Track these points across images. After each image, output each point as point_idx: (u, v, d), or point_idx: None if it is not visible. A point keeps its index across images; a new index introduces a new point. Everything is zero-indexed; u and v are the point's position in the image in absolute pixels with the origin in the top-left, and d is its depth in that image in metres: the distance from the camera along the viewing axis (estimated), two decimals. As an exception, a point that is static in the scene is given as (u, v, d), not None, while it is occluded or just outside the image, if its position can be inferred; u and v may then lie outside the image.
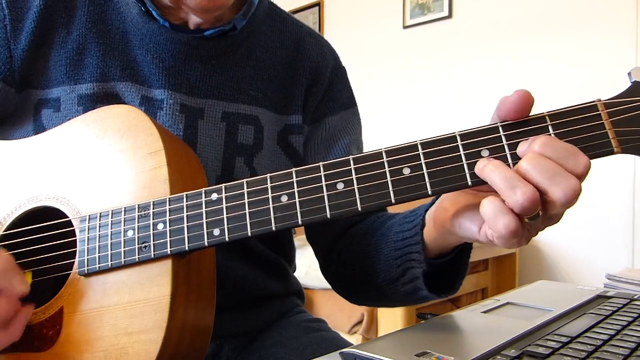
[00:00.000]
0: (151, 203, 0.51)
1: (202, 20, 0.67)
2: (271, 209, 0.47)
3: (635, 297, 0.60)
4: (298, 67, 0.75)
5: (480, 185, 0.43)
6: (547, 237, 2.41)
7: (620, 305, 0.56)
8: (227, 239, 0.48)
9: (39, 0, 0.65)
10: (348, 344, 0.69)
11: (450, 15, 2.73)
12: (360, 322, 1.97)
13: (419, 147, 0.45)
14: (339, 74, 0.80)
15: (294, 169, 0.47)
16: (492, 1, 2.57)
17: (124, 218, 0.52)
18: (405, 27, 2.92)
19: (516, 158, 0.42)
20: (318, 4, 3.39)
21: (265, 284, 0.73)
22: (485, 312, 0.55)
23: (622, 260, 2.16)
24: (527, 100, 0.42)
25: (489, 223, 0.42)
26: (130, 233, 0.51)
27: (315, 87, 0.76)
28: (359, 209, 0.45)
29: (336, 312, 1.97)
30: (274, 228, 0.47)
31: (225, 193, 0.49)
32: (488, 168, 0.41)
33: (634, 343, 0.43)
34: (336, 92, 0.79)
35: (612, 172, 2.18)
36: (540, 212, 0.41)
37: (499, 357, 0.40)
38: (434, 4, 2.78)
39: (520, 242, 0.42)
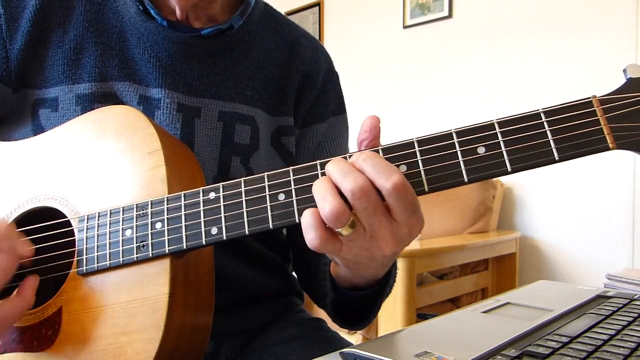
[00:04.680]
0: (149, 202, 0.51)
1: (180, 8, 0.66)
2: (268, 208, 0.47)
3: (635, 297, 0.60)
4: (291, 69, 0.75)
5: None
6: (547, 237, 2.41)
7: (620, 305, 0.55)
8: (225, 237, 0.48)
9: (35, 0, 0.65)
10: (348, 344, 0.69)
11: (450, 15, 2.73)
12: (360, 322, 1.97)
13: (416, 144, 0.45)
14: (331, 80, 0.80)
15: (291, 167, 0.47)
16: (492, 1, 2.57)
17: (122, 218, 0.52)
18: (405, 27, 2.91)
19: (511, 154, 0.43)
20: (318, 4, 3.39)
21: (264, 283, 0.73)
22: (485, 312, 0.55)
23: (622, 260, 2.16)
24: (373, 123, 0.47)
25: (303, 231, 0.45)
26: (128, 232, 0.51)
27: (308, 91, 0.76)
28: None
29: (336, 312, 1.97)
30: (271, 226, 0.47)
31: (223, 192, 0.49)
32: (315, 181, 0.45)
33: (634, 343, 0.43)
34: (327, 98, 0.79)
35: (612, 171, 2.18)
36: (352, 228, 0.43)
37: (499, 357, 0.40)
38: (434, 4, 2.78)
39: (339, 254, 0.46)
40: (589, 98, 0.42)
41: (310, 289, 0.76)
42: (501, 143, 0.43)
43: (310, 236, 0.44)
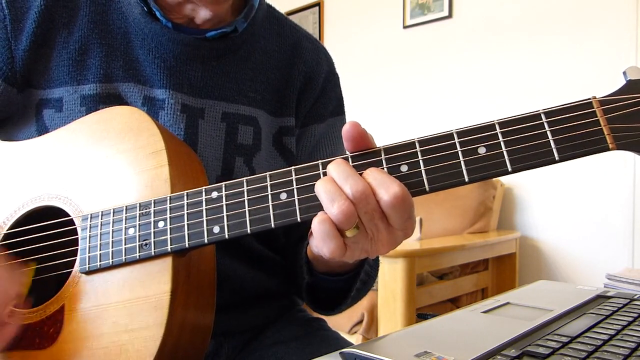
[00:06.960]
0: (152, 201, 0.51)
1: (211, 15, 0.66)
2: (270, 207, 0.47)
3: (635, 297, 0.60)
4: (293, 71, 0.76)
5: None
6: (547, 237, 2.41)
7: (620, 305, 0.56)
8: (227, 236, 0.48)
9: (40, 1, 0.65)
10: (348, 344, 0.69)
11: (450, 15, 2.73)
12: (360, 322, 1.97)
13: (417, 144, 0.45)
14: (331, 81, 0.81)
15: (293, 167, 0.48)
16: (492, 1, 2.57)
17: (126, 216, 0.52)
18: (405, 27, 2.92)
19: (512, 154, 0.43)
20: (318, 4, 3.39)
21: (265, 283, 0.73)
22: (485, 312, 0.55)
23: (622, 260, 2.16)
24: (355, 129, 0.46)
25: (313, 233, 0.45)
26: (131, 231, 0.51)
27: (308, 92, 0.77)
28: None
29: (336, 311, 1.97)
30: (273, 225, 0.47)
31: (225, 191, 0.49)
32: (317, 182, 0.45)
33: (634, 343, 0.43)
34: (327, 100, 0.79)
35: (612, 172, 2.18)
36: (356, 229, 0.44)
37: (499, 357, 0.40)
38: (434, 4, 2.78)
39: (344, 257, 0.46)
40: (589, 99, 0.42)
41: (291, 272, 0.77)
42: (502, 143, 0.43)
43: (323, 240, 0.45)
